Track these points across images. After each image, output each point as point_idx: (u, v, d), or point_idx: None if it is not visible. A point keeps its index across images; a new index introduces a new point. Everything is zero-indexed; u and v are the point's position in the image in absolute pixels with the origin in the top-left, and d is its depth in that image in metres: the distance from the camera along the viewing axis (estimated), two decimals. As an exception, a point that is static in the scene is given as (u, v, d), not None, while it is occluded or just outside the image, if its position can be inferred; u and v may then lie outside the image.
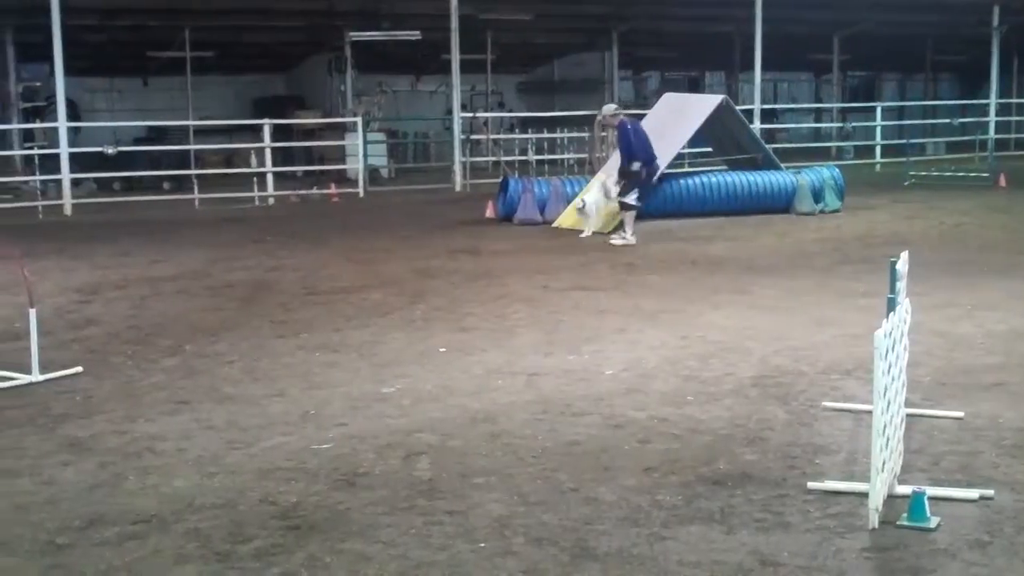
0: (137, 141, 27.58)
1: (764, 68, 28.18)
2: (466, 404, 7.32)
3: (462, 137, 25.41)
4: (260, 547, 5.00)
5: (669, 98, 20.18)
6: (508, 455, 6.26)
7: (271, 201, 22.44)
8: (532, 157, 27.01)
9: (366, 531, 5.18)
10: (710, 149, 21.97)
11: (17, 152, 25.21)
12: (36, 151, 23.87)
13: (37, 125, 25.58)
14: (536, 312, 10.54)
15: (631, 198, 15.57)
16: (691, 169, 21.04)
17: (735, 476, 5.85)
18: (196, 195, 22.20)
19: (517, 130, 30.80)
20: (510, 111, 32.78)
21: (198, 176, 23.38)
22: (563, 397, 7.45)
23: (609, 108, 16.83)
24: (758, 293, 11.34)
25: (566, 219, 17.28)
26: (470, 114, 27.49)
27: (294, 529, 5.21)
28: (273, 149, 23.57)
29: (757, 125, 26.06)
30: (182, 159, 25.29)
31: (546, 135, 28.56)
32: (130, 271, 13.39)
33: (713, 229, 16.68)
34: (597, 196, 16.47)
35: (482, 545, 5.01)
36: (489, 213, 18.58)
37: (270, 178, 23.08)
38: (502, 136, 29.48)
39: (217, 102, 30.96)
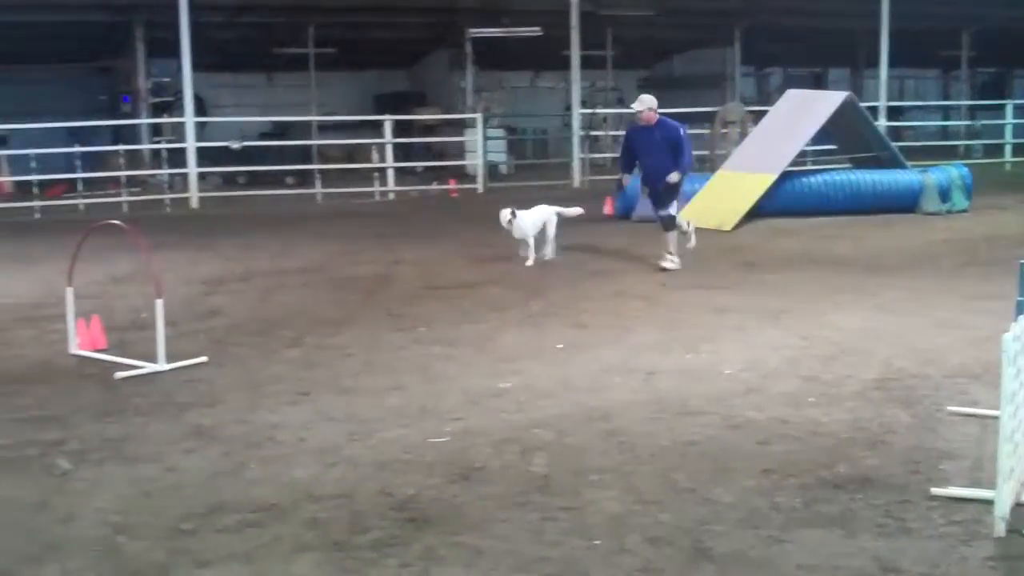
0: (262, 136, 28.08)
1: (890, 64, 27.60)
2: (582, 401, 7.31)
3: (581, 133, 25.37)
4: (378, 538, 5.05)
5: (792, 95, 19.87)
6: (624, 453, 6.23)
7: (392, 196, 22.67)
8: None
9: (481, 525, 5.20)
10: (835, 147, 21.58)
11: (146, 146, 25.85)
12: (164, 145, 24.47)
13: (164, 120, 26.18)
14: (654, 310, 10.48)
15: (671, 210, 13.07)
16: (814, 167, 20.71)
17: (856, 480, 5.74)
18: (318, 190, 22.54)
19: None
20: (630, 107, 32.63)
21: (320, 171, 23.73)
22: (681, 396, 7.39)
23: (649, 100, 13.19)
24: (882, 294, 11.11)
25: (686, 217, 17.13)
26: (590, 110, 27.43)
27: (411, 521, 5.25)
28: (394, 145, 23.80)
29: (882, 123, 25.55)
30: (305, 154, 25.68)
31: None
32: (254, 263, 13.65)
33: (836, 228, 16.39)
34: (537, 219, 13.44)
35: (597, 543, 4.99)
36: (607, 210, 18.51)
37: (391, 173, 23.33)
38: (622, 132, 29.33)
39: (340, 98, 31.35)
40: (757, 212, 16.91)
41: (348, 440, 6.54)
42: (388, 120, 23.66)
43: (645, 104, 13.06)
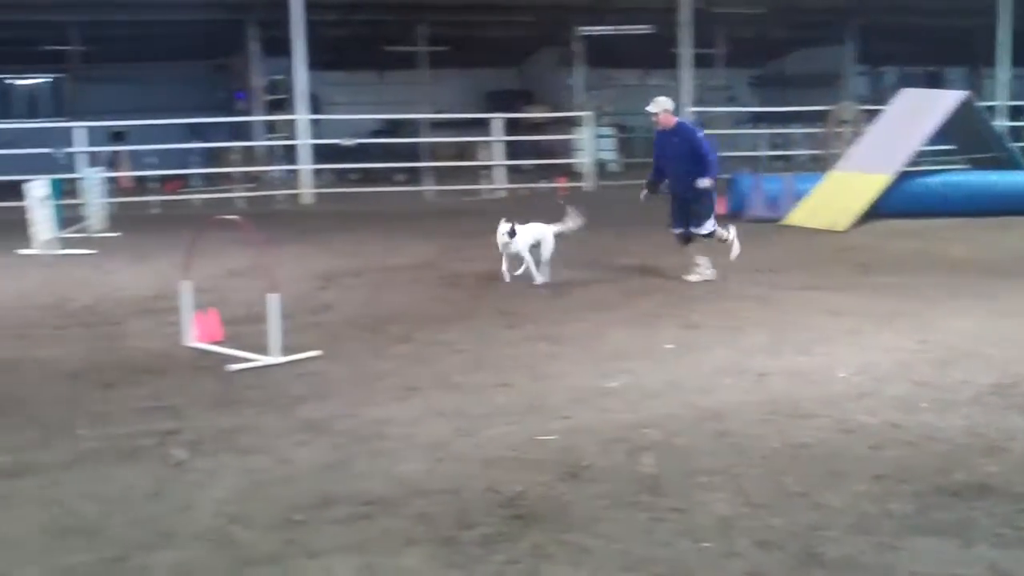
0: (375, 133, 28.38)
1: (1011, 63, 26.93)
2: (692, 401, 7.25)
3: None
4: (485, 534, 5.07)
5: (908, 94, 19.50)
6: (734, 455, 6.16)
7: (501, 194, 22.75)
8: (764, 153, 26.57)
9: (589, 524, 5.18)
10: (952, 147, 21.13)
11: (260, 143, 26.31)
12: (278, 142, 24.88)
13: (278, 117, 26.61)
14: (765, 311, 10.35)
15: (706, 227, 12.26)
16: (931, 168, 20.30)
17: (973, 487, 5.60)
18: (428, 187, 22.71)
19: (749, 125, 30.33)
20: (742, 106, 32.30)
21: (430, 168, 23.90)
22: (792, 398, 7.29)
23: (664, 102, 12.27)
24: (1001, 297, 10.84)
25: (798, 217, 16.95)
26: (700, 108, 27.23)
27: (518, 518, 5.25)
28: (503, 142, 23.88)
29: (1002, 123, 24.96)
30: (416, 151, 25.91)
31: (779, 130, 28.07)
32: (365, 259, 13.80)
33: (953, 230, 16.03)
34: (530, 236, 12.05)
35: (706, 545, 4.95)
36: (717, 209, 18.34)
37: (500, 171, 23.41)
38: (732, 131, 29.07)
39: (451, 95, 31.54)
40: (872, 213, 16.62)
41: (456, 436, 6.58)
42: (497, 118, 23.76)
43: (660, 106, 12.17)
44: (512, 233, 11.81)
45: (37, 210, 15.67)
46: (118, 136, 26.54)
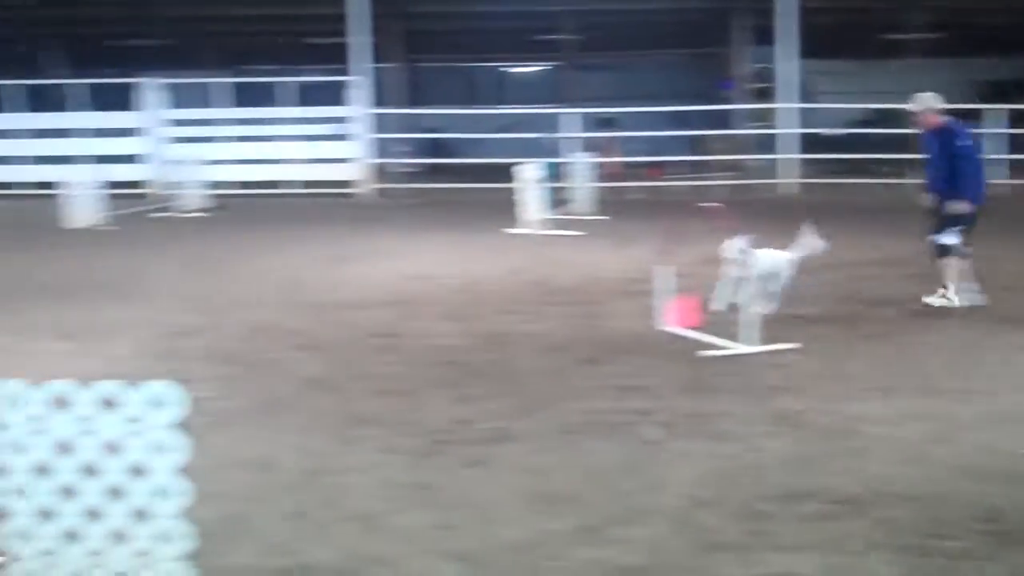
0: (864, 123, 27.69)
1: None
2: None
3: None
4: (956, 548, 4.84)
5: None
6: None
7: (998, 190, 21.55)
8: None
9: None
10: None
11: (744, 131, 26.42)
12: (761, 131, 24.87)
13: (760, 105, 26.57)
14: None
15: (944, 236, 10.30)
16: None
17: None
18: (914, 180, 21.88)
19: None
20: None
21: (912, 161, 23.03)
22: None
23: (927, 99, 10.65)
24: None
25: None
26: None
27: (995, 535, 4.98)
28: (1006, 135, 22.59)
29: None
30: (901, 142, 25.03)
31: None
32: (844, 252, 13.42)
33: None
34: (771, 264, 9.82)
35: None
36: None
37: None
38: None
39: (941, 85, 30.18)
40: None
41: (932, 441, 6.34)
42: (987, 109, 22.52)
43: (922, 103, 10.58)
44: (745, 252, 9.52)
45: (528, 192, 16.60)
46: (606, 122, 27.53)
